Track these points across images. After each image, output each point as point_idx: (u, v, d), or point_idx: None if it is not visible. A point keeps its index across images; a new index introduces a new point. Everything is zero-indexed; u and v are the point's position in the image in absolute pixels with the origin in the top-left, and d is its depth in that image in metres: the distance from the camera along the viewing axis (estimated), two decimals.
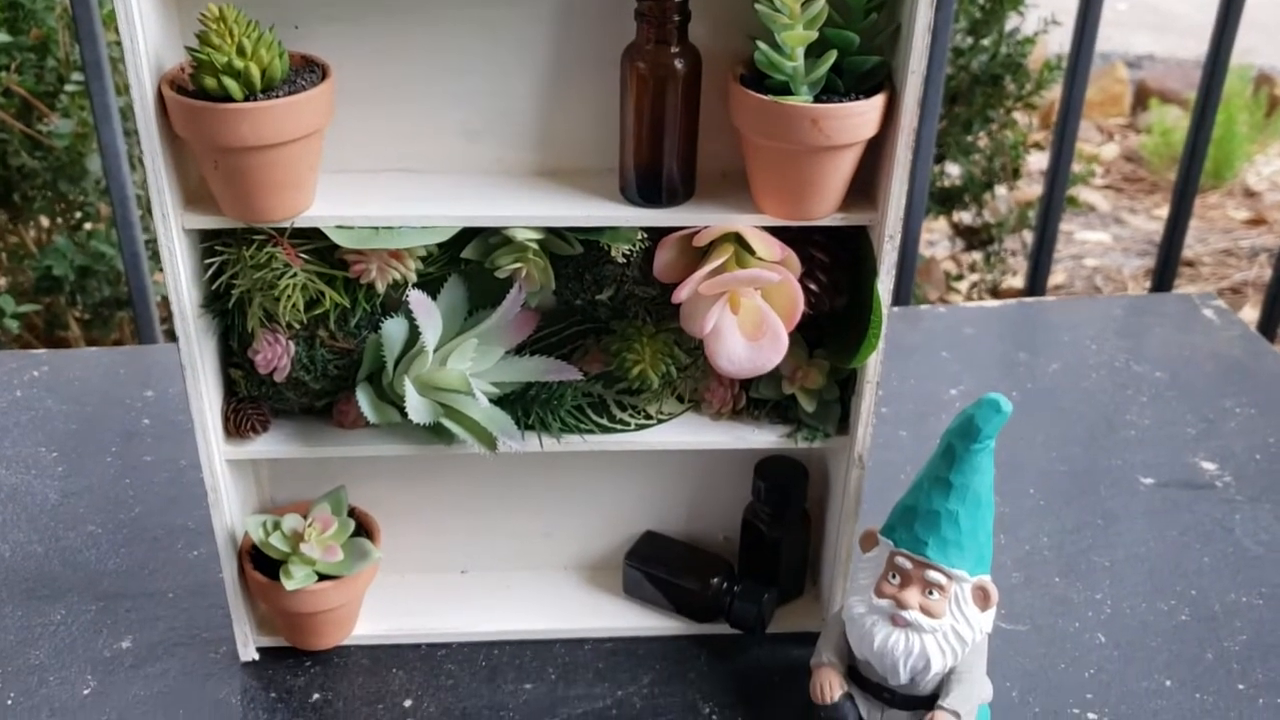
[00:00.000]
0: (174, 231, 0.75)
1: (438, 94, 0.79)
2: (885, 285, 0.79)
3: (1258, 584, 1.00)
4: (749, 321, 0.78)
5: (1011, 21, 2.03)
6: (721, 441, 0.86)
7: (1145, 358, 1.32)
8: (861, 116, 0.74)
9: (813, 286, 0.80)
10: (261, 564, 0.87)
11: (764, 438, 0.87)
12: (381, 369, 0.83)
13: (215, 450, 0.83)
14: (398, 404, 0.81)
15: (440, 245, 0.79)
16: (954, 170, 2.19)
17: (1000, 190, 2.23)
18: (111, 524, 1.04)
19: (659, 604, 0.95)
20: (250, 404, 0.84)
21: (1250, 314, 2.32)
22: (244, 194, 0.73)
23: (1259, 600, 0.99)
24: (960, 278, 2.32)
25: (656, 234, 0.80)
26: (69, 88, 1.61)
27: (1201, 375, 1.29)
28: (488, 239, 0.80)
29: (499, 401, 0.84)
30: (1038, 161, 2.56)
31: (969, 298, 2.27)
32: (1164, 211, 2.61)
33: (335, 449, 0.85)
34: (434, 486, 0.94)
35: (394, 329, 0.81)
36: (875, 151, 0.77)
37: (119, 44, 0.69)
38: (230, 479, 0.85)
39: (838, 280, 0.82)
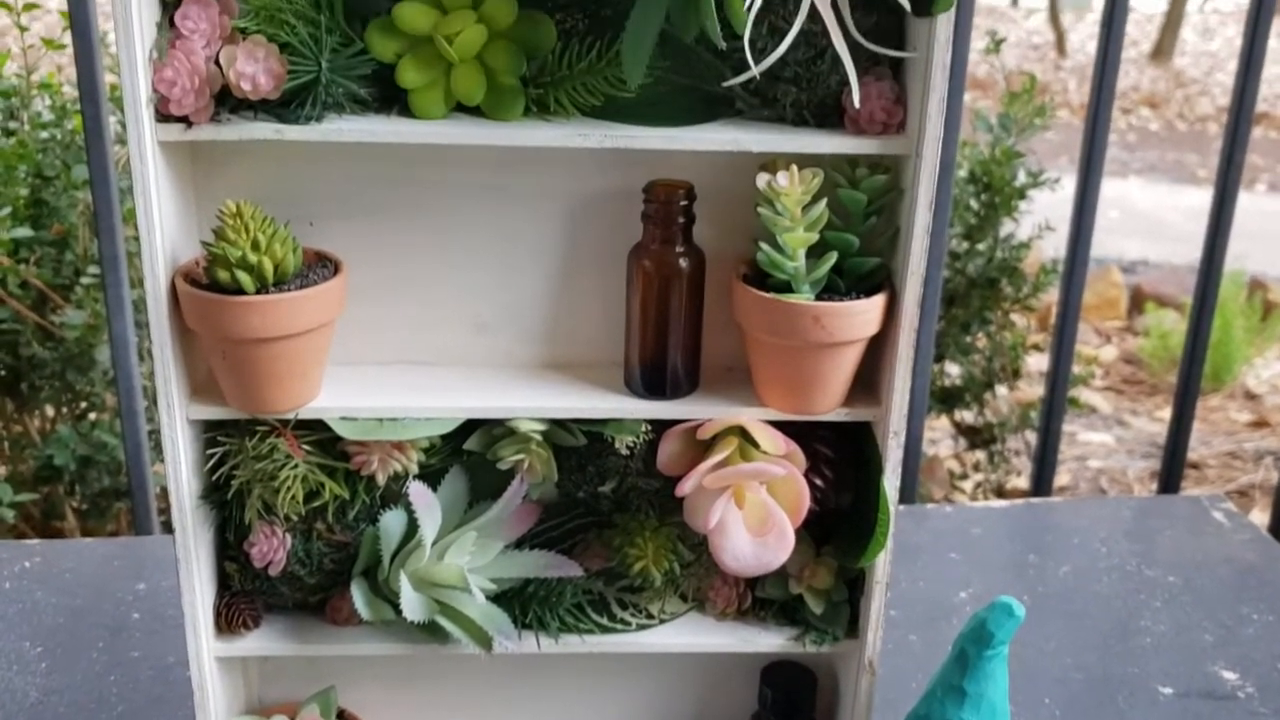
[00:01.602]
0: (178, 422, 0.75)
1: (448, 288, 0.81)
2: (891, 483, 0.78)
3: None
4: (754, 517, 0.77)
5: (1006, 227, 2.09)
6: (727, 644, 0.84)
7: (1157, 561, 1.30)
8: (863, 315, 0.75)
9: (818, 482, 0.79)
10: None
11: (771, 640, 0.84)
12: (378, 563, 0.81)
13: (205, 646, 0.80)
14: (392, 600, 0.79)
15: (443, 436, 0.79)
16: (954, 370, 2.21)
17: (1001, 390, 2.24)
18: None
19: None
20: (243, 598, 0.82)
21: (1259, 517, 2.30)
22: (250, 385, 0.74)
23: None
24: (964, 477, 2.30)
25: (660, 426, 0.79)
26: (84, 280, 1.65)
27: (1215, 580, 1.26)
28: (491, 430, 0.80)
29: (496, 598, 0.82)
30: (1037, 363, 2.59)
31: (974, 497, 2.25)
32: (1165, 413, 2.62)
33: (327, 647, 0.82)
34: (426, 689, 0.91)
35: (392, 522, 0.80)
36: (877, 349, 0.78)
37: (137, 238, 0.71)
38: (218, 677, 0.82)
39: (843, 476, 0.81)
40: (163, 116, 0.69)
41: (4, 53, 1.67)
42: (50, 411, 1.78)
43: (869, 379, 0.80)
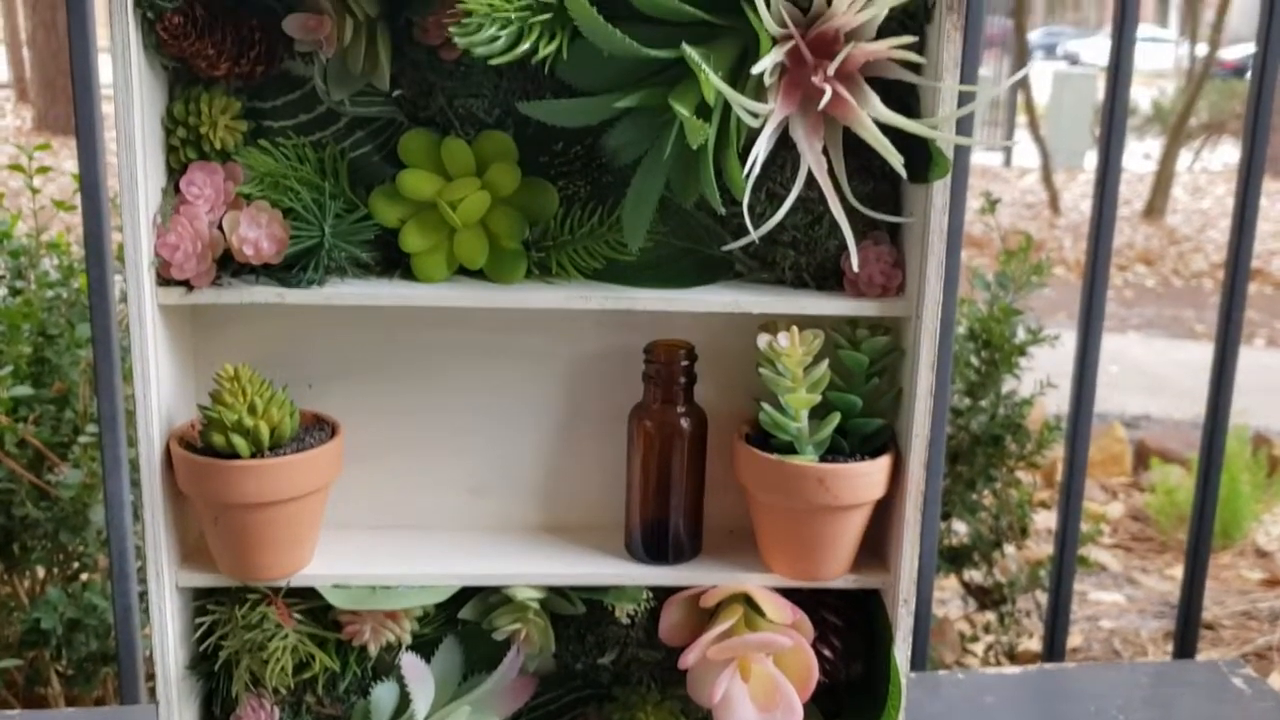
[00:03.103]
0: (166, 589, 0.73)
1: (444, 450, 0.80)
2: (902, 653, 0.75)
3: None
4: (761, 690, 0.74)
5: (1007, 384, 2.08)
6: None
7: None
8: (868, 477, 0.73)
9: (827, 652, 0.77)
10: None
11: None
12: None
13: None
14: None
15: (437, 605, 0.77)
16: (961, 528, 2.17)
17: (1009, 549, 2.21)
18: None
19: None
20: None
21: (1278, 681, 2.23)
22: (243, 551, 0.72)
23: None
24: (975, 639, 2.25)
25: (662, 593, 0.77)
26: (83, 438, 1.64)
27: None
28: (487, 598, 0.77)
29: None
30: (1044, 519, 2.55)
31: (985, 660, 2.19)
32: (1176, 571, 2.58)
33: None
34: None
35: (384, 695, 0.77)
36: (883, 512, 0.76)
37: None
38: None
39: (852, 645, 0.78)
40: (164, 280, 0.69)
41: (15, 214, 1.70)
42: (41, 573, 1.75)
43: (876, 543, 0.78)
